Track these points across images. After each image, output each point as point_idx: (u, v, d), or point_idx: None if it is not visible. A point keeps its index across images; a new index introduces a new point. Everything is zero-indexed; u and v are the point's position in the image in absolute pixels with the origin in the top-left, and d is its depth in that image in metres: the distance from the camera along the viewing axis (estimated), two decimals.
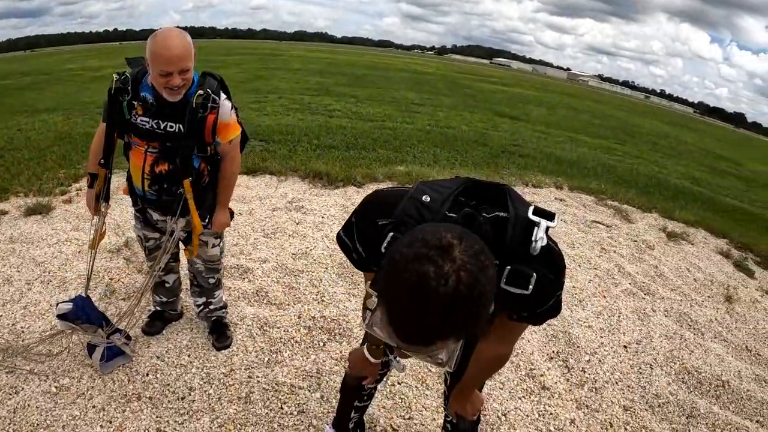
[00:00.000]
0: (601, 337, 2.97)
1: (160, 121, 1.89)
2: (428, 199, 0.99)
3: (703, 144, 23.01)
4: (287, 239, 3.63)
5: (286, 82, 15.69)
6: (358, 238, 1.15)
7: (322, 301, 2.87)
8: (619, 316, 3.22)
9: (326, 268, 3.25)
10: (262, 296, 2.88)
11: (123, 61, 2.08)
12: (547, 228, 0.96)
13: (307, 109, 10.05)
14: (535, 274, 0.95)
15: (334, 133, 7.40)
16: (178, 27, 1.88)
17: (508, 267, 0.94)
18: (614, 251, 4.25)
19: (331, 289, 3.00)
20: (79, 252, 3.24)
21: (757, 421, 2.52)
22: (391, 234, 0.97)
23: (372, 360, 1.41)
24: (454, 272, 0.73)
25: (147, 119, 1.89)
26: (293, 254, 3.40)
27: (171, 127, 1.89)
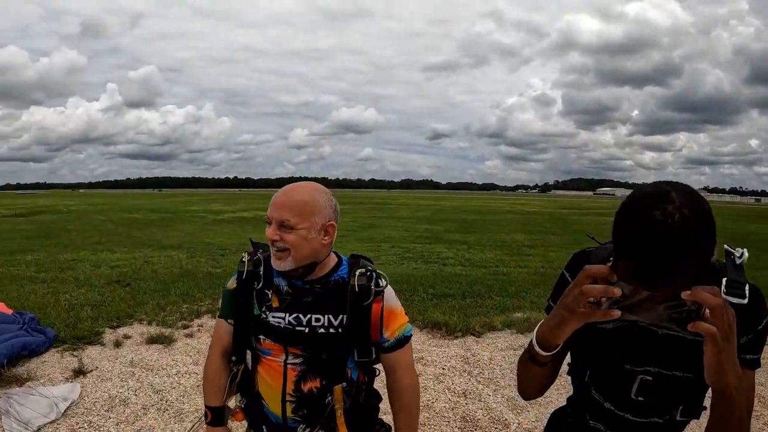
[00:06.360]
0: None
1: (300, 315, 1.42)
2: None
3: None
4: None
5: (397, 231, 16.72)
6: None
7: None
8: None
9: (449, 422, 3.24)
10: None
11: (243, 206, 1.55)
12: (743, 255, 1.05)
13: (420, 258, 10.56)
14: (747, 284, 1.02)
15: (449, 282, 7.62)
16: (315, 182, 1.47)
17: (724, 278, 1.02)
18: None
19: None
20: (197, 386, 3.34)
21: None
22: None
23: None
24: (677, 210, 0.85)
25: (281, 314, 1.43)
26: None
27: (317, 320, 1.42)
